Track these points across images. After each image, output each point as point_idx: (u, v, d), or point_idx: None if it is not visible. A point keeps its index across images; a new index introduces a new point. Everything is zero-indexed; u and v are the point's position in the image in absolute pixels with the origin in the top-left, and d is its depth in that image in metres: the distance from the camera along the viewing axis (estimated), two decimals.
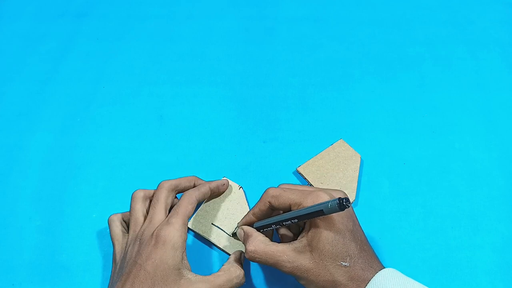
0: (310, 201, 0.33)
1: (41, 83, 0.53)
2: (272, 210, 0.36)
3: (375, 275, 0.31)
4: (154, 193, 0.38)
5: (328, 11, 0.59)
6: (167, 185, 0.38)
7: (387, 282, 0.31)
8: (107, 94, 0.52)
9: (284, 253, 0.33)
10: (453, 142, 0.47)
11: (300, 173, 0.44)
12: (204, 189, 0.39)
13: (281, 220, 0.34)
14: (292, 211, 0.34)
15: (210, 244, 0.41)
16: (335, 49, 0.55)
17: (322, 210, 0.30)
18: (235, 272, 0.35)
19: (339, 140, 0.46)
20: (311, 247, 0.32)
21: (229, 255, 0.39)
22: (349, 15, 0.58)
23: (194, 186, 0.40)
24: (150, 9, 0.60)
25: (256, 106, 0.50)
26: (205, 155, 0.47)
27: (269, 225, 0.36)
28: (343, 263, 0.32)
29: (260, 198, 0.36)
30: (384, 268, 0.33)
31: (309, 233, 0.33)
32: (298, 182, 0.45)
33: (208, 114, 0.50)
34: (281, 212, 0.36)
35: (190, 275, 0.33)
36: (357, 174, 0.44)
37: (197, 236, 0.42)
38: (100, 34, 0.57)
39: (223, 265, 0.36)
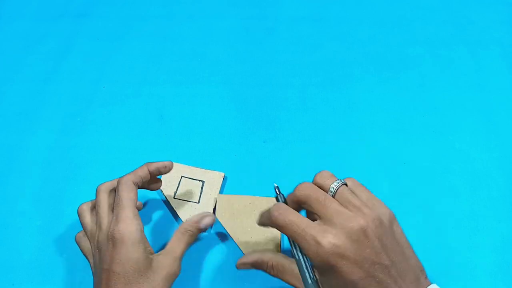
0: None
1: (41, 83, 0.53)
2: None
3: None
4: (95, 201, 0.37)
5: (328, 11, 0.59)
6: (103, 188, 0.37)
7: None
8: (107, 94, 0.52)
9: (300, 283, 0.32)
10: (453, 142, 0.47)
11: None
12: (141, 172, 0.37)
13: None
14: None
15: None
16: (335, 49, 0.55)
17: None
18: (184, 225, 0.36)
19: None
20: None
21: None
22: (349, 15, 0.58)
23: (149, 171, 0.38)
24: (150, 9, 0.60)
25: (256, 106, 0.50)
26: (205, 155, 0.47)
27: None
28: None
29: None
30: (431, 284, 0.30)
31: (320, 278, 0.31)
32: (300, 180, 0.44)
33: (208, 114, 0.50)
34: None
35: (156, 257, 0.34)
36: None
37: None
38: (100, 34, 0.57)
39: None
